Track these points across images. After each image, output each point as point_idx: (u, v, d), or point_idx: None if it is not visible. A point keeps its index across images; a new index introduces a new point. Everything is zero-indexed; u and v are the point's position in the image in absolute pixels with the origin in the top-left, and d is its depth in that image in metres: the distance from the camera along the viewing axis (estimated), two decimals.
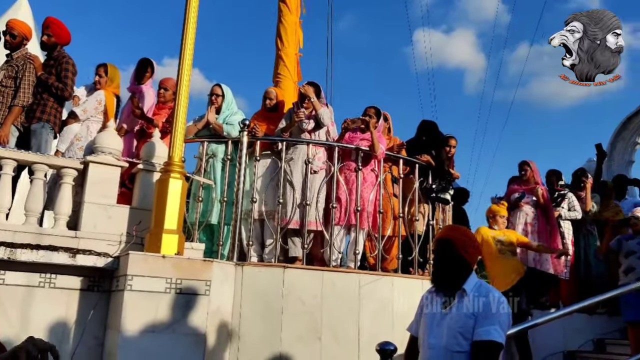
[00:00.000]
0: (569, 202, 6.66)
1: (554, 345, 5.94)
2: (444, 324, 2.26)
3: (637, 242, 5.36)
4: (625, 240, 5.48)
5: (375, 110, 5.25)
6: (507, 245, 5.54)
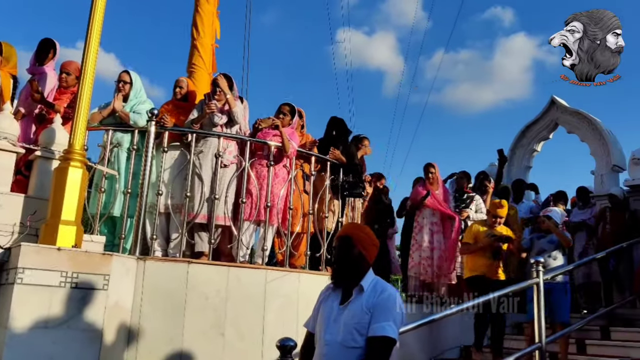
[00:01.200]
0: (477, 204, 6.98)
1: (452, 340, 6.21)
2: (341, 320, 2.29)
3: (548, 241, 5.53)
4: (537, 239, 5.64)
5: (290, 108, 5.25)
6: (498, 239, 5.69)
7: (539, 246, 5.58)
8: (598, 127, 7.76)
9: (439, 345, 6.12)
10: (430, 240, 6.50)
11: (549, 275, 4.74)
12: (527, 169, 8.71)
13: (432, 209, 6.56)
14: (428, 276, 6.46)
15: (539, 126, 8.58)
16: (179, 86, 5.29)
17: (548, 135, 8.60)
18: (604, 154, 7.66)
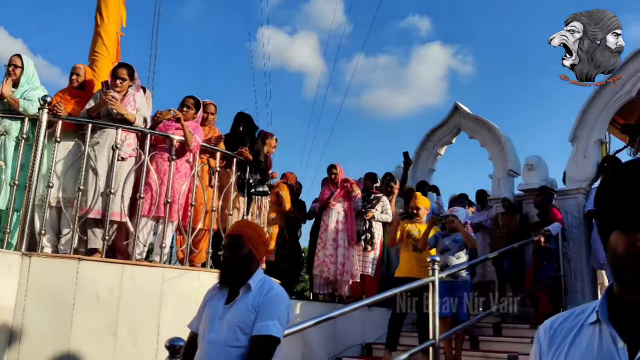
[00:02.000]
0: (383, 205, 7.12)
1: (354, 338, 6.31)
2: (225, 319, 2.24)
3: (452, 240, 5.61)
4: (442, 237, 5.70)
5: (195, 101, 5.11)
6: (415, 240, 5.70)
7: (443, 244, 5.66)
8: (496, 133, 8.17)
9: (341, 342, 6.19)
10: (334, 238, 6.58)
11: (444, 273, 4.89)
12: (430, 171, 9.02)
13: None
14: (331, 274, 6.52)
15: (443, 131, 8.91)
16: (75, 73, 5.02)
17: (451, 139, 8.95)
18: (501, 159, 8.06)
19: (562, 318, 1.15)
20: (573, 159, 7.14)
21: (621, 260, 1.02)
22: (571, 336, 1.09)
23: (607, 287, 1.10)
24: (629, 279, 1.01)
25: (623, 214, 1.03)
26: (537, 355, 1.14)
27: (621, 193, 1.05)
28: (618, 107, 7.07)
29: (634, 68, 6.82)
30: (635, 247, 1.00)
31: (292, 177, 7.68)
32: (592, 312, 1.09)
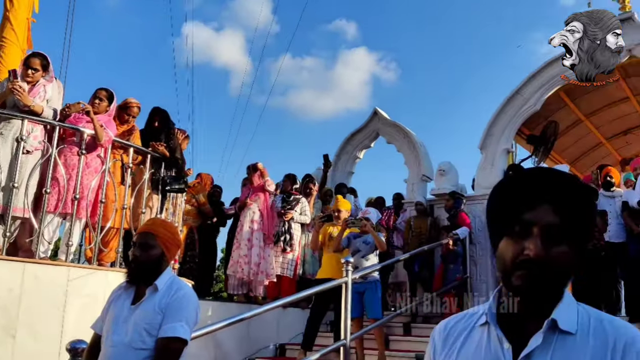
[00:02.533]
0: (302, 206, 7.17)
1: (268, 338, 6.32)
2: (131, 320, 2.19)
3: (363, 241, 5.69)
4: (354, 238, 5.76)
5: (108, 93, 4.92)
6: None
7: (354, 246, 5.73)
8: (412, 139, 8.45)
9: (255, 343, 6.19)
10: (249, 238, 6.56)
11: (356, 274, 5.00)
12: (349, 174, 9.19)
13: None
14: (245, 274, 6.49)
15: (362, 135, 9.11)
16: None
17: (370, 144, 9.17)
18: (415, 164, 8.35)
19: (455, 319, 1.20)
20: (482, 166, 7.50)
21: (509, 267, 1.06)
22: (463, 337, 1.14)
23: (496, 291, 1.15)
24: (517, 286, 1.05)
25: (511, 222, 1.07)
26: (432, 355, 1.18)
27: (509, 201, 1.10)
28: (524, 119, 7.50)
29: (539, 83, 7.28)
30: (523, 255, 1.03)
31: (207, 177, 7.58)
32: (482, 314, 1.13)
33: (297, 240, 7.04)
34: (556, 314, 1.04)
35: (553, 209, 1.05)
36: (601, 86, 7.99)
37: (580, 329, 1.04)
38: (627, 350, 1.00)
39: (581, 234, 1.08)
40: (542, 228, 1.04)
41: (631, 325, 1.07)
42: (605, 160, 9.34)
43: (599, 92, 8.19)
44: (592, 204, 1.12)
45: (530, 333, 1.04)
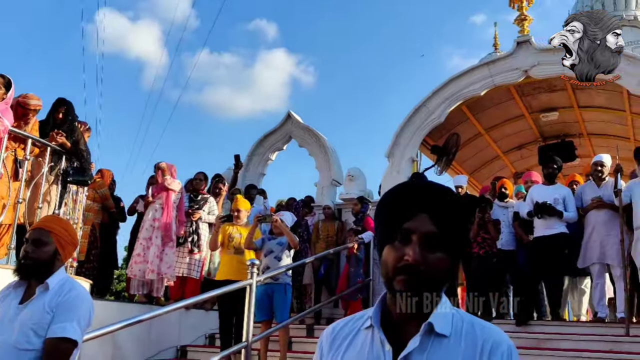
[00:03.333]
0: (210, 206, 7.08)
1: (169, 340, 6.19)
2: (17, 320, 2.09)
3: (277, 243, 5.67)
4: (268, 240, 5.75)
5: (5, 81, 4.63)
6: (237, 243, 5.64)
7: (268, 247, 5.72)
8: (324, 144, 8.60)
9: (156, 345, 6.04)
10: (149, 237, 6.39)
11: (262, 276, 5.02)
12: (261, 175, 9.20)
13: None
14: (140, 274, 6.32)
15: (275, 137, 9.16)
16: None
17: (282, 146, 9.23)
18: (326, 168, 8.51)
19: (343, 323, 1.27)
20: (388, 173, 7.77)
21: (391, 273, 1.14)
22: (349, 340, 1.21)
23: (381, 296, 1.23)
24: (397, 290, 1.13)
25: (394, 230, 1.16)
26: (319, 357, 1.25)
27: (392, 212, 1.18)
28: (429, 130, 7.85)
29: (443, 97, 7.66)
30: (403, 261, 1.12)
31: (108, 173, 7.33)
32: (367, 318, 1.21)
33: (204, 240, 6.94)
34: (433, 318, 1.13)
35: (430, 218, 1.15)
36: (500, 103, 8.56)
37: (454, 332, 1.14)
38: (493, 351, 1.11)
39: (456, 242, 1.18)
40: (421, 236, 1.13)
41: (498, 329, 1.18)
42: (501, 172, 9.95)
43: (498, 108, 8.75)
44: (465, 215, 1.22)
45: (410, 336, 1.13)
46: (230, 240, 5.70)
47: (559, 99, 8.43)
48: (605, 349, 4.99)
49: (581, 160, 9.24)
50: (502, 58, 7.66)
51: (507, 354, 1.13)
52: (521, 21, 7.75)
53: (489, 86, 7.53)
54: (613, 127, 8.98)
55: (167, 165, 6.74)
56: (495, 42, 20.65)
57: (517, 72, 7.34)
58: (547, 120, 8.98)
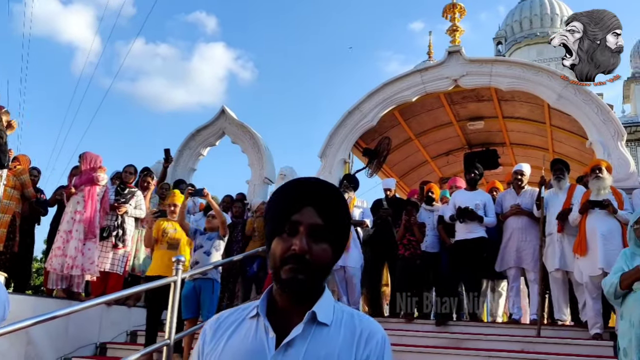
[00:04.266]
0: (137, 200, 6.89)
1: (88, 337, 6.00)
2: None
3: (207, 238, 5.60)
4: (199, 234, 5.68)
5: None
6: (171, 238, 5.56)
7: (198, 241, 5.66)
8: (258, 142, 8.58)
9: (74, 342, 5.84)
10: (70, 230, 6.17)
11: (188, 273, 4.96)
12: (191, 170, 9.05)
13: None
14: (59, 269, 6.09)
15: (208, 132, 9.03)
16: None
17: (215, 142, 9.12)
18: (259, 167, 8.49)
19: (228, 313, 1.32)
20: (320, 173, 7.85)
21: (278, 263, 1.21)
22: (233, 327, 1.26)
23: (269, 287, 1.29)
24: (284, 279, 1.20)
25: (282, 223, 1.23)
26: (201, 346, 1.28)
27: (281, 205, 1.26)
28: (361, 133, 8.00)
29: (377, 101, 7.82)
30: (291, 251, 1.19)
31: (25, 160, 6.99)
32: (254, 307, 1.26)
33: (130, 235, 6.76)
34: (316, 307, 1.21)
35: (316, 211, 1.23)
36: (430, 110, 8.84)
37: (334, 322, 1.23)
38: (369, 340, 1.22)
39: (339, 234, 1.28)
40: (307, 227, 1.21)
41: (375, 321, 1.28)
42: (428, 177, 10.28)
43: (429, 114, 9.03)
44: (347, 210, 1.32)
45: (294, 324, 1.20)
46: (164, 235, 5.60)
47: (485, 109, 8.79)
48: (518, 349, 5.25)
49: (503, 168, 9.68)
50: (433, 66, 7.91)
51: (382, 342, 1.23)
52: (453, 32, 8.04)
53: (420, 93, 7.75)
54: (534, 138, 9.46)
55: (91, 156, 6.52)
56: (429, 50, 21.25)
57: (447, 80, 7.60)
58: (473, 129, 9.36)
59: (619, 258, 3.81)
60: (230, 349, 1.22)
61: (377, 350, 1.22)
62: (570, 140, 8.51)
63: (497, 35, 31.13)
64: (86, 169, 6.47)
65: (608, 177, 5.68)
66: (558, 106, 7.01)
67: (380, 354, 1.22)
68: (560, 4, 30.29)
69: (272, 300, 1.27)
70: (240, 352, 1.21)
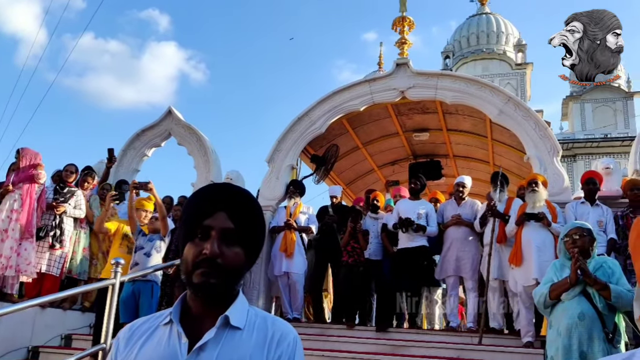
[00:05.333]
0: (77, 200, 6.70)
1: (20, 341, 5.77)
2: None
3: (148, 239, 5.52)
4: (141, 235, 5.60)
5: None
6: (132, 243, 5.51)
7: (139, 243, 5.58)
8: (205, 144, 8.48)
9: (5, 345, 5.60)
10: (5, 229, 5.93)
11: (126, 277, 4.86)
12: (135, 171, 8.85)
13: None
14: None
15: (154, 133, 8.85)
16: None
17: (160, 142, 8.94)
18: (205, 169, 8.38)
19: (141, 321, 1.33)
20: (267, 178, 7.84)
21: (190, 267, 1.23)
22: (147, 335, 1.27)
23: (183, 294, 1.30)
24: (196, 284, 1.22)
25: (195, 228, 1.25)
26: (114, 354, 1.29)
27: (194, 210, 1.28)
28: (310, 139, 8.04)
29: (326, 108, 7.89)
30: (202, 255, 1.21)
31: None
32: (167, 315, 1.27)
33: (68, 235, 6.55)
34: (229, 311, 1.23)
35: (229, 215, 1.26)
36: (378, 120, 8.99)
37: (247, 325, 1.25)
38: (280, 341, 1.25)
39: (252, 239, 1.30)
40: (219, 231, 1.24)
41: (288, 324, 1.32)
42: (374, 185, 10.43)
43: (376, 124, 9.17)
44: (260, 215, 1.35)
45: (208, 329, 1.22)
46: (125, 239, 5.55)
47: (430, 121, 9.01)
48: (454, 356, 5.41)
49: (446, 179, 9.94)
50: (382, 77, 8.04)
51: (293, 344, 1.26)
52: (402, 44, 8.21)
53: (368, 103, 7.87)
54: (476, 151, 9.76)
55: (30, 152, 6.29)
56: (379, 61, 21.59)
57: (395, 92, 7.75)
58: (418, 140, 9.57)
59: (549, 269, 3.99)
60: (143, 357, 1.22)
61: (289, 351, 1.24)
62: (510, 154, 8.83)
63: (445, 50, 31.95)
64: (25, 165, 6.24)
65: (543, 191, 5.94)
66: (499, 121, 7.27)
67: (291, 355, 1.24)
68: (506, 22, 31.38)
69: (186, 307, 1.28)
70: (153, 358, 1.21)
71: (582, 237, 3.83)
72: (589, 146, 25.76)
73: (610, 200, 6.34)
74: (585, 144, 25.81)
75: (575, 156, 25.92)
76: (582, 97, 27.01)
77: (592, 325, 3.55)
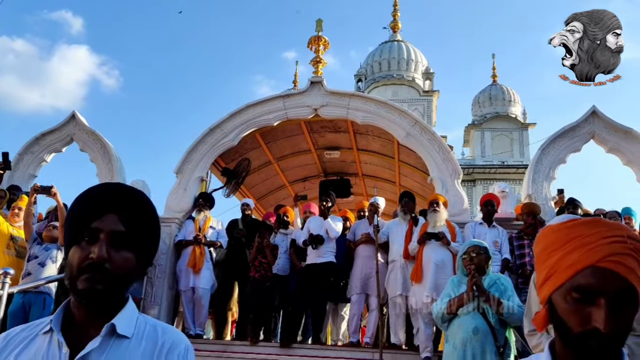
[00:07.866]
0: None
1: None
2: None
3: (44, 248, 5.28)
4: (37, 244, 5.34)
5: None
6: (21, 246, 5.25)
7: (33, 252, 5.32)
8: (109, 151, 8.13)
9: None
10: None
11: (15, 288, 4.55)
12: (31, 177, 8.31)
13: None
14: None
15: (54, 137, 8.38)
16: None
17: (61, 148, 8.48)
18: (107, 177, 8.01)
19: (19, 330, 1.23)
20: (175, 189, 7.64)
21: (75, 272, 1.15)
22: (23, 344, 1.18)
23: (66, 300, 1.22)
24: (81, 290, 1.14)
25: (82, 230, 1.17)
26: None
27: (82, 211, 1.20)
28: (221, 151, 7.94)
29: (239, 121, 7.84)
30: (89, 259, 1.13)
31: None
32: (48, 323, 1.19)
33: None
34: (116, 319, 1.16)
35: (119, 218, 1.19)
36: (291, 136, 9.05)
37: (136, 334, 1.19)
38: (171, 350, 1.20)
39: (144, 243, 1.23)
40: (108, 234, 1.16)
41: (180, 332, 1.27)
42: (285, 201, 10.45)
43: (289, 140, 9.24)
44: (155, 218, 1.29)
45: (92, 338, 1.14)
46: (13, 242, 5.17)
47: (341, 140, 9.20)
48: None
49: (355, 197, 10.16)
50: (296, 94, 8.13)
51: (184, 353, 1.21)
52: (316, 63, 8.36)
53: (282, 118, 7.91)
54: (384, 171, 10.07)
55: None
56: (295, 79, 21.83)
57: (308, 109, 7.85)
58: (330, 158, 9.73)
59: (447, 285, 4.18)
60: None
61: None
62: (415, 175, 9.18)
63: (358, 73, 32.81)
64: None
65: (444, 211, 6.22)
66: (406, 143, 7.54)
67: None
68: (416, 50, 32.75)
69: (70, 314, 1.20)
70: None
71: (478, 255, 4.04)
72: (487, 172, 27.28)
73: (505, 222, 6.75)
74: (484, 170, 27.32)
75: (475, 181, 27.35)
76: (482, 125, 28.62)
77: (485, 339, 3.75)
